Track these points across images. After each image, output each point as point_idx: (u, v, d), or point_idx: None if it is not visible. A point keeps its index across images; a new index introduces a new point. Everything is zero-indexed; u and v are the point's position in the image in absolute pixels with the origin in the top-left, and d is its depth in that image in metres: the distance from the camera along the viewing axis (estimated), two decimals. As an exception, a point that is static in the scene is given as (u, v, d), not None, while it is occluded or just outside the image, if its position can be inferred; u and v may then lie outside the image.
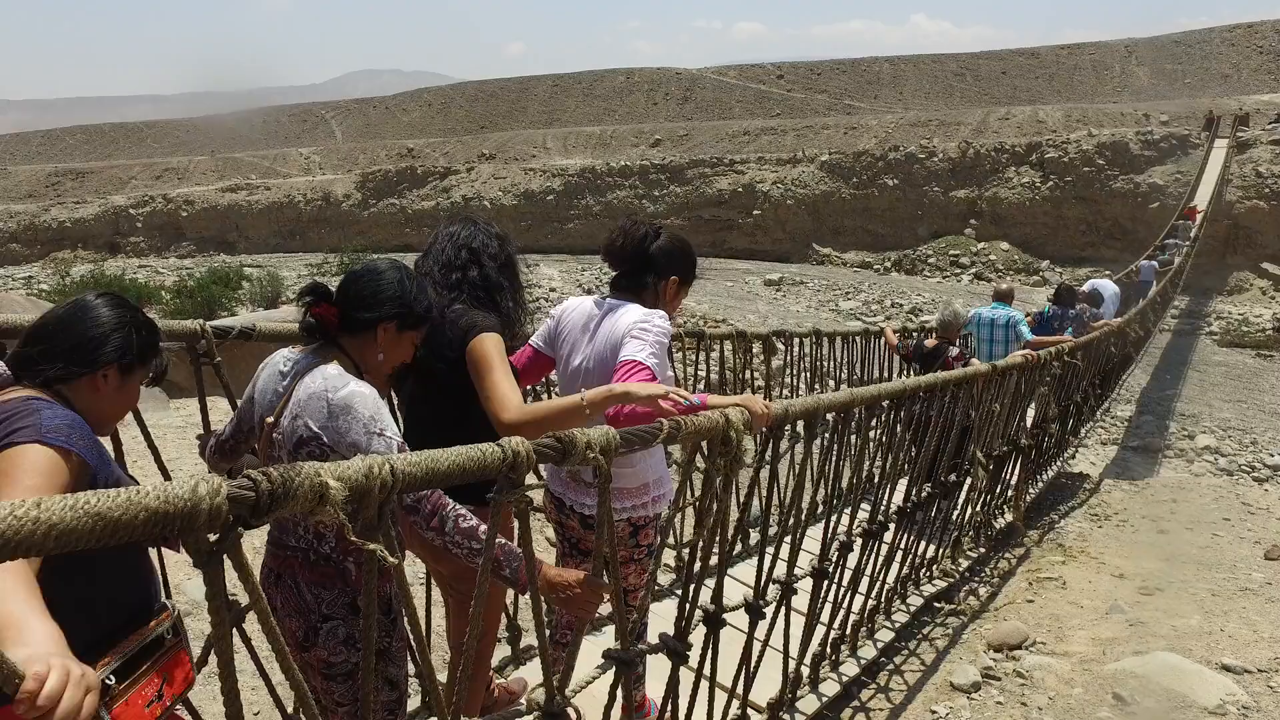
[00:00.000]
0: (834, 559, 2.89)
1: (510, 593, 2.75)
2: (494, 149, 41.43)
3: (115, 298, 1.54)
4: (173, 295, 18.27)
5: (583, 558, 2.33)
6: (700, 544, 2.05)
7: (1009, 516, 5.46)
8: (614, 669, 1.83)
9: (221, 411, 2.53)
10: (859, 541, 3.09)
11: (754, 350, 4.67)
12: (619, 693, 1.84)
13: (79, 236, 37.59)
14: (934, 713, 3.04)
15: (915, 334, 8.16)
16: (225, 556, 0.97)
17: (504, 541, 1.61)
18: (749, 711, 2.65)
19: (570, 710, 1.67)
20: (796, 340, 5.32)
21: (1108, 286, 10.77)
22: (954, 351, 5.42)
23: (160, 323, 2.07)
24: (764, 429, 2.15)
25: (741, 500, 2.68)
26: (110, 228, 38.02)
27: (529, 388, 2.94)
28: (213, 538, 0.95)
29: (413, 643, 1.52)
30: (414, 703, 2.60)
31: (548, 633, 2.47)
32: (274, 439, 1.76)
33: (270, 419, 1.77)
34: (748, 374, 4.64)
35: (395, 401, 2.36)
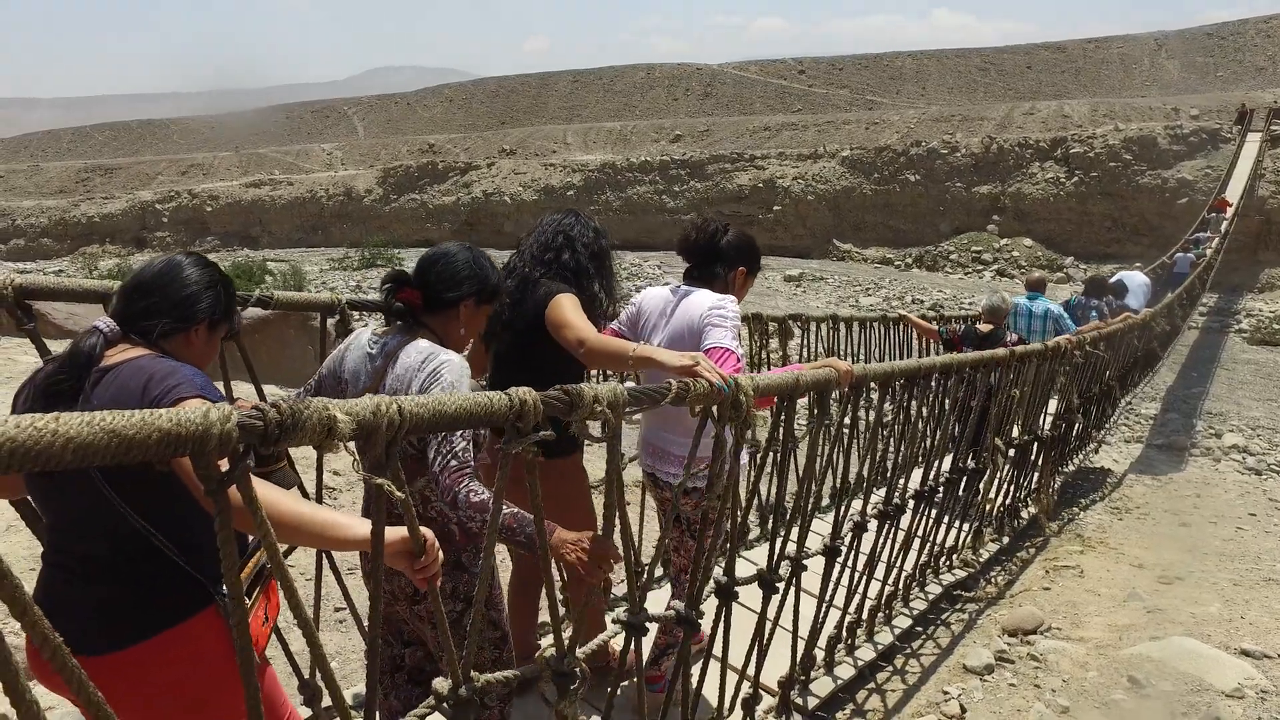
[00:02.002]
0: (846, 538, 2.88)
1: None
2: (514, 144, 41.60)
3: (201, 258, 1.63)
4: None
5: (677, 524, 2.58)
6: (712, 511, 2.05)
7: (1033, 509, 5.39)
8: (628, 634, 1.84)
9: (243, 391, 2.57)
10: (874, 523, 3.07)
11: (770, 333, 4.66)
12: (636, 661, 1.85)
13: (107, 231, 38.28)
14: (946, 693, 3.02)
15: (959, 320, 8.15)
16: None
17: (516, 510, 1.67)
18: (759, 692, 2.64)
19: (579, 670, 1.68)
20: (814, 324, 5.30)
21: (1135, 278, 10.59)
22: (1013, 337, 5.31)
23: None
24: (847, 388, 2.46)
25: (754, 480, 2.70)
26: (137, 223, 38.67)
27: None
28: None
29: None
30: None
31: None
32: None
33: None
34: (764, 356, 4.63)
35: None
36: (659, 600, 2.90)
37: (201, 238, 38.04)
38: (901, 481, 3.19)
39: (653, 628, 2.01)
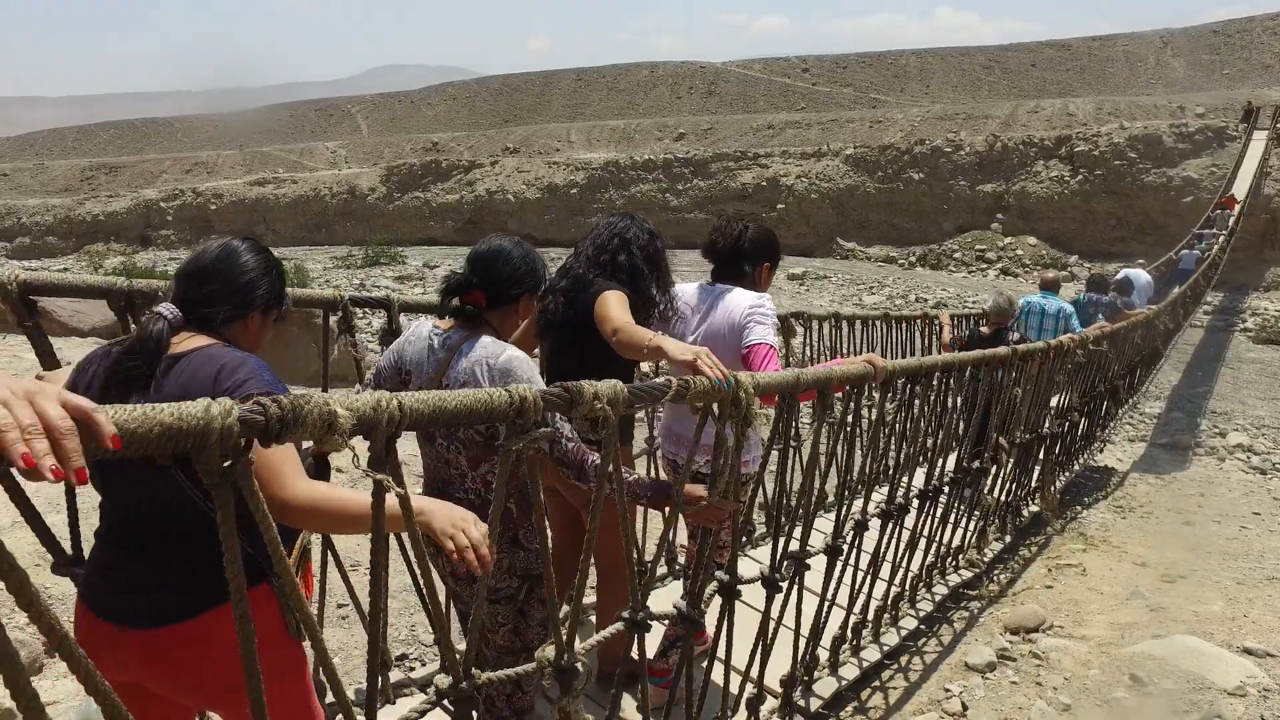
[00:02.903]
0: (848, 537, 2.88)
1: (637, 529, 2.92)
2: (518, 143, 41.59)
3: (255, 244, 1.67)
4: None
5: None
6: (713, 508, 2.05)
7: (1035, 506, 5.38)
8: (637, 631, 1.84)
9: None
10: (876, 521, 3.07)
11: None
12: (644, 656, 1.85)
13: (112, 229, 38.37)
14: (947, 691, 3.03)
15: (964, 320, 8.18)
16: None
17: (634, 476, 1.92)
18: (763, 692, 2.64)
19: (579, 665, 1.68)
20: (816, 323, 5.29)
21: (1140, 277, 10.61)
22: (1015, 336, 5.36)
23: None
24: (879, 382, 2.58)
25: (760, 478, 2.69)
26: (142, 221, 38.76)
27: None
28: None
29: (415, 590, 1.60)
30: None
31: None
32: None
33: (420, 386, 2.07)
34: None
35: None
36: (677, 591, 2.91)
37: (206, 236, 38.07)
38: (905, 480, 3.19)
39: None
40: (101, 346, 1.56)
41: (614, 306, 2.31)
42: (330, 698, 1.89)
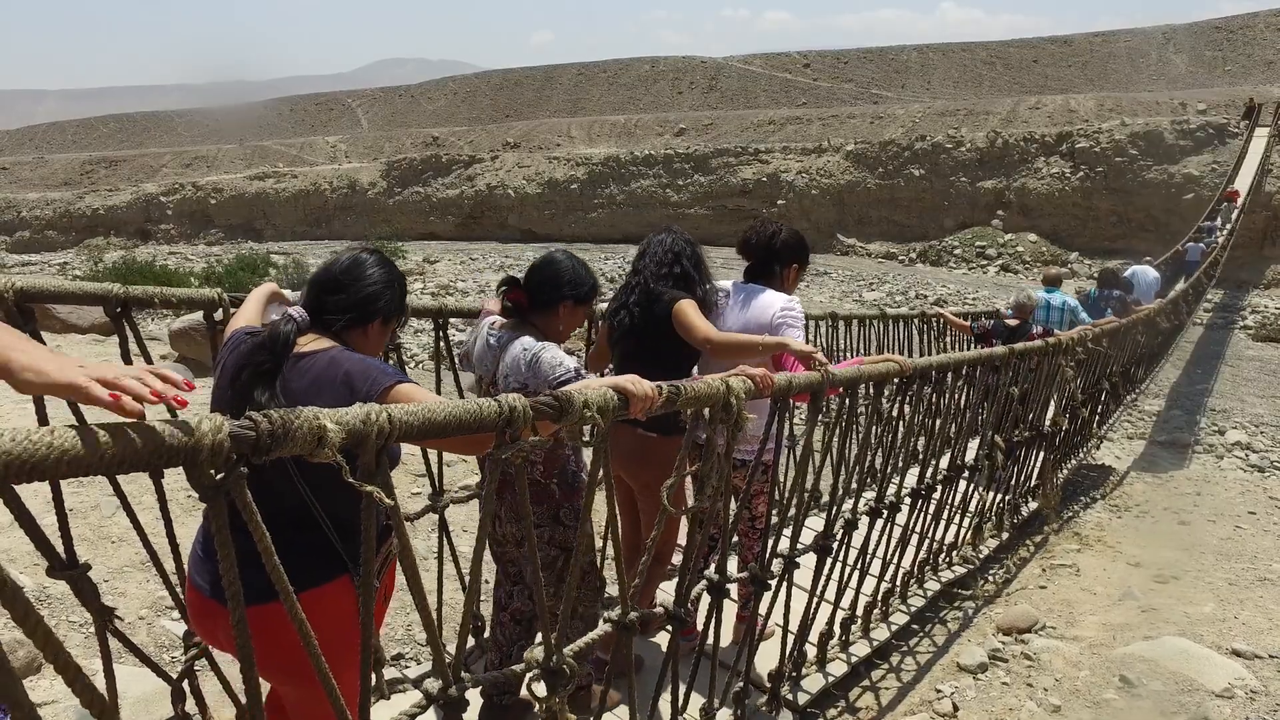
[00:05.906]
0: (838, 535, 2.90)
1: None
2: (519, 137, 41.52)
3: (381, 257, 1.82)
4: (201, 281, 18.64)
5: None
6: (703, 510, 2.07)
7: (1034, 504, 5.40)
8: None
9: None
10: (865, 519, 3.08)
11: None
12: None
13: (112, 223, 38.35)
14: (939, 691, 3.05)
15: (985, 316, 8.31)
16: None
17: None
18: (750, 687, 2.66)
19: (566, 668, 1.70)
20: (811, 322, 5.30)
21: (1146, 274, 10.69)
22: (1038, 329, 5.83)
23: (181, 291, 2.15)
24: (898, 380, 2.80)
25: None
26: (142, 215, 38.73)
27: None
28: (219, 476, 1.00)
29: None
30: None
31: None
32: (491, 393, 2.29)
33: (485, 378, 2.36)
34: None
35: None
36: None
37: (206, 230, 38.11)
38: (897, 478, 3.20)
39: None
40: (241, 330, 1.76)
41: (694, 316, 2.60)
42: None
